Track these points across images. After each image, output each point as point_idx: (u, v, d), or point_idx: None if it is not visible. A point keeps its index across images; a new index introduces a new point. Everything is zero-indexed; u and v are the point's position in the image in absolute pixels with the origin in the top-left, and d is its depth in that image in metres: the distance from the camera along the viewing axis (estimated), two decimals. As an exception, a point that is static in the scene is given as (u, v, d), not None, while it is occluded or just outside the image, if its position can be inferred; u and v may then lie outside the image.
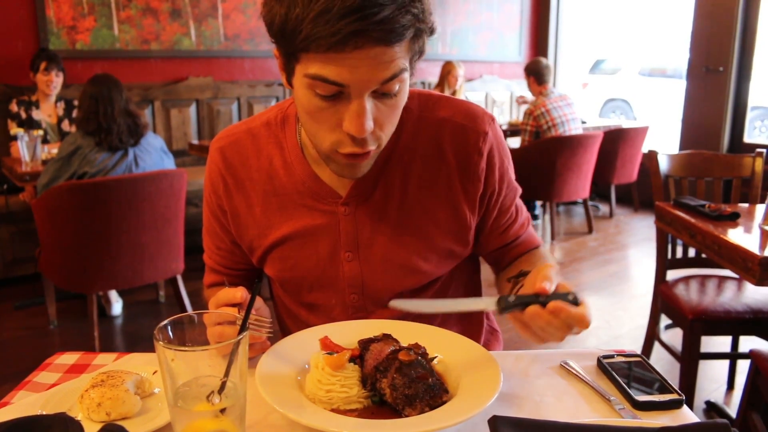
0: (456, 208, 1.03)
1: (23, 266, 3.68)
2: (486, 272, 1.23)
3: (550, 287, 0.81)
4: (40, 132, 3.43)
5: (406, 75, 0.85)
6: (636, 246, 4.74)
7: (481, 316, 1.26)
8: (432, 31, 0.88)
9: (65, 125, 3.81)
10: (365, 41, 0.76)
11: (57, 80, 3.72)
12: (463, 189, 1.03)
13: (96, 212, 2.57)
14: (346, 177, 0.96)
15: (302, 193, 1.03)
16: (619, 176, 5.29)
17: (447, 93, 4.91)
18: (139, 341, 3.09)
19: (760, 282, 1.63)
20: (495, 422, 0.73)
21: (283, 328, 1.21)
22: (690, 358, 2.10)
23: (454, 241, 1.06)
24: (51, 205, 2.60)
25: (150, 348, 0.70)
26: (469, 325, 1.22)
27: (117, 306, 3.38)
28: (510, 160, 1.09)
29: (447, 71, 5.09)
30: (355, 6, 0.73)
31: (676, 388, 0.86)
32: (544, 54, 6.55)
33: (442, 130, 1.02)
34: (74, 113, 3.75)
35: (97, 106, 2.75)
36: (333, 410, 0.79)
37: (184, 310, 3.02)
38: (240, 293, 0.88)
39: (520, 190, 1.13)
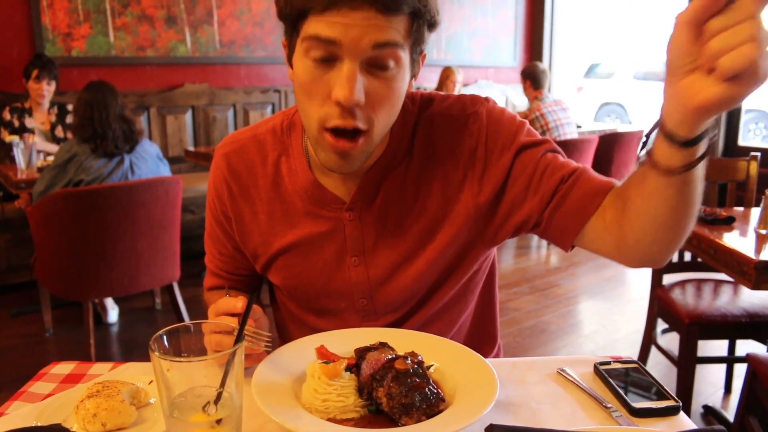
0: (459, 203, 1.00)
1: (19, 274, 3.67)
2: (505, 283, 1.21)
3: None
4: (37, 138, 3.41)
5: (402, 55, 0.85)
6: (632, 250, 4.73)
7: (495, 330, 1.23)
8: (432, 24, 0.88)
9: (59, 131, 3.79)
10: (360, 3, 0.78)
11: (48, 89, 3.68)
12: (463, 179, 0.99)
13: (92, 219, 2.57)
14: (335, 169, 0.90)
15: (306, 201, 1.02)
16: (614, 180, 5.29)
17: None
18: (135, 349, 3.08)
19: (755, 286, 1.64)
20: (492, 430, 0.73)
21: (286, 334, 1.19)
22: (687, 363, 2.10)
23: (464, 238, 1.01)
24: (47, 212, 2.60)
25: (146, 356, 0.70)
26: (480, 338, 1.19)
27: (113, 313, 3.37)
28: (521, 126, 0.99)
29: (446, 76, 5.10)
30: None
31: (673, 392, 0.86)
32: (539, 58, 6.58)
33: (434, 125, 1.01)
34: (68, 118, 3.74)
35: (92, 112, 2.74)
36: (329, 419, 0.79)
37: (180, 317, 3.01)
38: (241, 303, 0.88)
39: (551, 143, 0.99)
